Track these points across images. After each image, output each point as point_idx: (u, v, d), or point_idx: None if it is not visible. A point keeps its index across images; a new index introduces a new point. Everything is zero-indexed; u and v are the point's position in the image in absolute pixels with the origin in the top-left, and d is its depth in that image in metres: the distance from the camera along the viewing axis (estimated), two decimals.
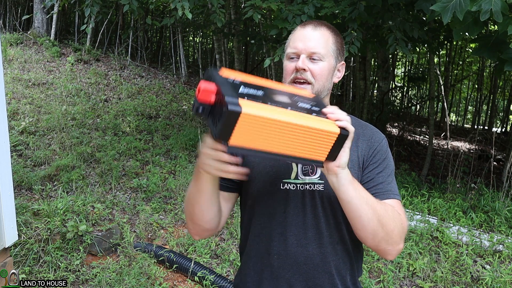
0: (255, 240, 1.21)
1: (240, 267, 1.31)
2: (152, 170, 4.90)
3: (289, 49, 1.16)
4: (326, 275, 1.16)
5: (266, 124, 0.84)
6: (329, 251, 1.16)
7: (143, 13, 9.12)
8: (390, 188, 1.16)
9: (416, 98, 14.00)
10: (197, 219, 1.13)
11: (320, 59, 1.13)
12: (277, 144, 0.88)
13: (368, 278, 3.18)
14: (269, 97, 0.91)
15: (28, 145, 5.09)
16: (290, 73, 1.15)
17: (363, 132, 1.21)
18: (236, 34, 7.02)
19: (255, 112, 0.83)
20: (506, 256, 3.61)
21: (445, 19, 2.93)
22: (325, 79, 1.15)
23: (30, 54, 8.73)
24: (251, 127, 0.83)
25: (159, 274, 3.05)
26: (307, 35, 1.14)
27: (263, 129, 0.85)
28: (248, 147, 0.86)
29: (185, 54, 11.13)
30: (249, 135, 0.84)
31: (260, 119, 0.83)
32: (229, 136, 0.83)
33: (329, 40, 1.16)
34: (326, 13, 4.15)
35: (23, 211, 3.49)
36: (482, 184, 5.36)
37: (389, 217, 1.06)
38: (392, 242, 1.07)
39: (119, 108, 7.17)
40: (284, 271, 1.16)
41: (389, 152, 1.22)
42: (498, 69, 4.40)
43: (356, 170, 1.16)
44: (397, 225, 1.07)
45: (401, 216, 1.11)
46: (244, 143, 0.85)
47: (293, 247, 1.15)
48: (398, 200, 1.16)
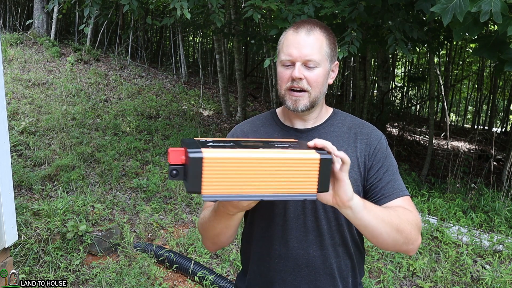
0: (257, 244, 1.21)
1: (242, 270, 1.30)
2: (152, 170, 4.90)
3: (283, 55, 1.14)
4: (328, 277, 1.16)
5: (235, 165, 0.81)
6: (330, 254, 1.16)
7: (143, 13, 9.13)
8: (398, 186, 1.16)
9: (416, 98, 14.00)
10: (222, 243, 1.18)
11: (316, 65, 1.12)
12: (257, 184, 0.83)
13: (368, 278, 3.18)
14: (240, 145, 0.88)
15: (28, 145, 5.09)
16: (286, 81, 1.14)
17: (361, 131, 1.20)
18: (236, 34, 7.02)
19: (218, 155, 0.80)
20: (506, 256, 3.61)
21: (445, 20, 2.93)
22: (321, 85, 1.15)
23: (30, 54, 8.74)
24: (220, 172, 0.81)
25: (159, 274, 3.05)
26: (301, 41, 1.12)
27: (234, 171, 0.81)
28: (225, 193, 0.83)
29: (185, 54, 11.14)
30: (221, 181, 0.81)
31: (225, 161, 0.81)
32: (199, 185, 0.81)
33: (323, 44, 1.14)
34: (326, 13, 4.15)
35: (23, 211, 3.49)
36: (482, 184, 5.36)
37: (404, 222, 1.06)
38: (411, 242, 1.08)
39: (119, 108, 7.18)
40: (287, 274, 1.16)
41: (389, 149, 1.22)
42: (498, 69, 4.40)
43: (356, 170, 1.16)
44: (412, 225, 1.08)
45: (413, 213, 1.12)
46: (218, 190, 0.82)
47: (294, 250, 1.15)
48: (407, 195, 1.17)
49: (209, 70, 11.77)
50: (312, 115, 1.21)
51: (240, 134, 1.27)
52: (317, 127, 1.21)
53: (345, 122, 1.23)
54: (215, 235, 1.16)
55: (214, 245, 1.21)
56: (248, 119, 1.32)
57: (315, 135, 1.19)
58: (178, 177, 0.84)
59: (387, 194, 1.13)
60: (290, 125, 1.23)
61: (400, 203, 1.13)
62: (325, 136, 1.18)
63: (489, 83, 12.73)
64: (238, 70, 8.00)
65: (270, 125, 1.26)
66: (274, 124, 1.25)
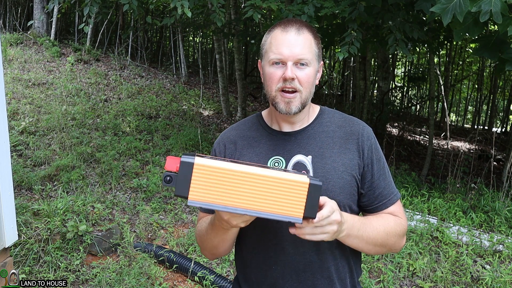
0: (253, 252, 1.19)
1: (238, 277, 1.28)
2: (152, 170, 4.90)
3: (273, 54, 1.10)
4: (326, 280, 1.15)
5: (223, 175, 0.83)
6: (327, 257, 1.15)
7: (143, 13, 9.13)
8: (391, 190, 1.19)
9: (416, 98, 14.00)
10: (220, 253, 1.20)
11: (307, 64, 1.10)
12: (244, 199, 0.85)
13: (368, 278, 3.18)
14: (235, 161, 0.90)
15: (28, 145, 5.09)
16: (276, 81, 1.11)
17: (351, 129, 1.18)
18: (236, 34, 7.02)
19: (210, 163, 0.82)
20: (506, 256, 3.61)
21: (445, 20, 2.92)
22: (311, 85, 1.13)
23: (30, 54, 8.73)
24: (209, 180, 0.82)
25: (159, 274, 3.05)
26: (292, 40, 1.09)
27: (222, 181, 0.83)
28: (211, 201, 0.84)
29: (185, 54, 11.13)
30: (209, 189, 0.83)
31: (215, 170, 0.82)
32: (187, 189, 0.83)
33: (312, 44, 1.13)
34: (326, 13, 4.15)
35: (23, 211, 3.49)
36: (482, 184, 5.36)
37: (391, 236, 1.15)
38: (395, 249, 1.20)
39: (119, 108, 7.18)
40: (284, 280, 1.15)
41: (378, 145, 1.22)
42: (498, 69, 4.40)
43: (345, 172, 1.14)
44: (397, 236, 1.17)
45: (401, 220, 1.19)
46: (205, 198, 0.84)
47: (290, 256, 1.13)
48: (398, 199, 1.21)
49: (209, 70, 11.77)
50: (300, 117, 1.18)
51: (227, 142, 1.24)
52: (305, 129, 1.19)
53: (333, 120, 1.21)
54: (213, 247, 1.17)
55: (213, 255, 1.22)
56: (233, 125, 1.29)
57: (304, 137, 1.18)
58: (171, 183, 0.86)
59: (382, 202, 1.18)
60: (277, 128, 1.20)
61: (393, 210, 1.19)
62: (314, 138, 1.17)
63: (489, 83, 12.73)
64: (238, 70, 8.00)
65: (256, 130, 1.23)
66: (261, 128, 1.22)
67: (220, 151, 1.24)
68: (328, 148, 1.16)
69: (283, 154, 1.16)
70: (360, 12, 4.05)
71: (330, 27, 6.11)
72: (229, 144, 1.23)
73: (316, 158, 1.14)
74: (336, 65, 12.81)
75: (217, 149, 1.24)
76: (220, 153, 1.23)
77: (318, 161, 1.14)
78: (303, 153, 1.15)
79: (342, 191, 1.12)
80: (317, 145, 1.16)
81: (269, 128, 1.21)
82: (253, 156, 1.18)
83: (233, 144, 1.22)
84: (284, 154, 1.16)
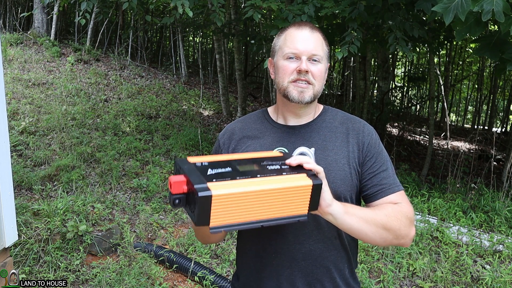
0: (253, 241, 1.22)
1: (238, 267, 1.32)
2: (152, 170, 4.90)
3: (288, 49, 1.17)
4: (324, 269, 1.18)
5: (240, 199, 0.88)
6: (326, 246, 1.17)
7: (143, 12, 9.12)
8: (393, 181, 1.19)
9: (416, 98, 14.00)
10: (213, 241, 1.31)
11: (319, 60, 1.17)
12: (257, 212, 0.91)
13: (368, 278, 3.17)
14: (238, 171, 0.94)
15: (28, 145, 5.08)
16: (290, 73, 1.17)
17: (353, 126, 1.23)
18: (236, 34, 7.02)
19: (226, 191, 0.86)
20: (506, 256, 3.61)
21: (447, 20, 2.92)
22: (323, 80, 1.20)
23: (30, 54, 8.73)
24: (227, 206, 0.87)
25: (159, 274, 3.04)
26: (306, 37, 1.17)
27: (239, 204, 0.88)
28: (230, 223, 0.89)
29: (185, 54, 11.13)
30: (227, 213, 0.88)
31: (232, 196, 0.87)
32: (208, 219, 0.87)
33: (324, 43, 1.21)
34: (326, 13, 4.15)
35: (23, 211, 3.49)
36: (482, 184, 5.36)
37: (392, 220, 1.10)
38: (402, 237, 1.12)
39: (119, 108, 7.17)
40: (283, 268, 1.17)
41: (381, 144, 1.25)
42: (499, 69, 4.39)
43: (349, 165, 1.17)
44: (402, 220, 1.11)
45: (405, 207, 1.15)
46: (224, 221, 0.88)
47: (291, 244, 1.16)
48: (402, 190, 1.20)
49: (209, 70, 11.77)
50: (308, 110, 1.23)
51: (232, 133, 1.30)
52: (309, 123, 1.24)
53: (336, 117, 1.26)
54: (205, 237, 1.25)
55: (206, 243, 1.33)
56: (240, 118, 1.35)
57: (308, 131, 1.22)
58: (180, 205, 0.89)
59: (382, 190, 1.17)
60: (283, 122, 1.25)
61: (394, 199, 1.16)
62: (317, 132, 1.22)
63: (489, 83, 12.73)
64: (238, 70, 8.00)
65: (261, 123, 1.29)
66: (267, 122, 1.28)
67: (224, 142, 1.29)
68: (331, 141, 1.20)
69: (287, 145, 1.21)
70: (360, 11, 4.05)
71: (330, 27, 6.11)
72: (234, 135, 1.29)
73: (319, 150, 1.19)
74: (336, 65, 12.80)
75: (221, 140, 1.30)
76: (224, 144, 1.29)
77: (320, 153, 1.18)
78: (307, 146, 1.20)
79: (343, 183, 1.16)
80: (320, 138, 1.21)
81: (274, 122, 1.27)
82: (258, 148, 1.23)
83: (238, 135, 1.28)
84: (288, 145, 1.21)
